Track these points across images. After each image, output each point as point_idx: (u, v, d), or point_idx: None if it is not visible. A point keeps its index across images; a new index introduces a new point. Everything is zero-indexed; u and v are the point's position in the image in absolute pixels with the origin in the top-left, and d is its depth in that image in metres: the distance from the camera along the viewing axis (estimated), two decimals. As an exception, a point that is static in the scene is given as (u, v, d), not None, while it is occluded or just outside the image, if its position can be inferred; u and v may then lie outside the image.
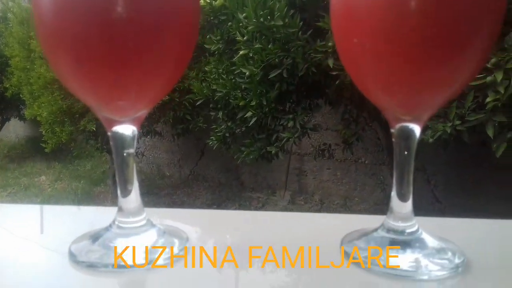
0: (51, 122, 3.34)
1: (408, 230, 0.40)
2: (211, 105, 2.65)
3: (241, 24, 2.16)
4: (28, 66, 3.51)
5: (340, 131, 2.75)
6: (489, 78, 1.54)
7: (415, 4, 0.32)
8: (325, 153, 2.90)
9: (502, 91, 1.51)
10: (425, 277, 0.37)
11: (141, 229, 0.41)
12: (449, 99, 0.39)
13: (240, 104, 2.27)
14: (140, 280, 0.37)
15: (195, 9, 0.38)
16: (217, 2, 2.36)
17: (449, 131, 1.68)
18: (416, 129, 0.41)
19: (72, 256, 0.39)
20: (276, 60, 2.04)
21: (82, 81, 0.37)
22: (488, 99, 1.58)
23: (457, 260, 0.38)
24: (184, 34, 0.37)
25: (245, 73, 2.13)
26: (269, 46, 2.02)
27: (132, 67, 0.35)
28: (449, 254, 0.39)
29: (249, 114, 2.24)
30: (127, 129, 0.40)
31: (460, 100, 1.72)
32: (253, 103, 2.18)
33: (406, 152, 0.41)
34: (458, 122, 1.68)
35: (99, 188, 4.12)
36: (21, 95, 3.83)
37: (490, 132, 1.63)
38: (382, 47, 0.35)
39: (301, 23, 1.92)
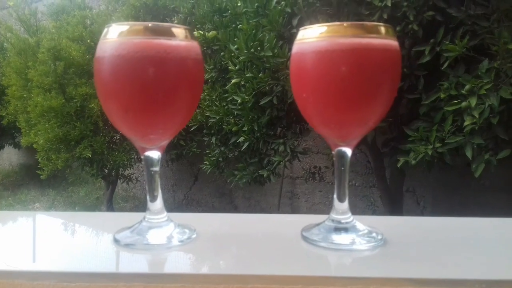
0: (47, 149, 3.40)
1: (345, 220, 0.58)
2: (204, 131, 2.73)
3: (233, 54, 2.26)
4: (25, 95, 3.59)
5: (329, 154, 2.83)
6: (464, 103, 1.63)
7: (343, 76, 0.50)
8: (315, 176, 2.98)
9: (477, 116, 1.60)
10: (359, 248, 0.55)
11: (163, 223, 0.58)
12: (367, 132, 0.56)
13: (232, 129, 2.36)
14: (162, 254, 0.54)
15: (200, 71, 0.54)
16: (210, 34, 2.46)
17: (430, 153, 1.77)
18: (348, 151, 0.58)
19: (116, 241, 0.56)
20: (267, 88, 2.13)
21: (127, 123, 0.54)
22: (465, 123, 1.67)
23: (378, 237, 0.57)
24: (193, 89, 0.54)
25: (237, 100, 2.21)
26: (260, 75, 2.12)
27: (160, 113, 0.52)
28: (373, 234, 0.58)
29: (241, 139, 2.32)
30: (154, 154, 0.58)
31: (440, 124, 1.82)
32: (245, 128, 2.26)
33: (342, 168, 0.58)
34: (438, 145, 1.76)
35: (90, 212, 4.15)
36: (17, 123, 3.89)
37: (469, 154, 1.72)
38: (320, 100, 0.52)
39: (289, 53, 2.02)
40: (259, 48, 2.06)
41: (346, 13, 1.99)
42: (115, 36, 0.51)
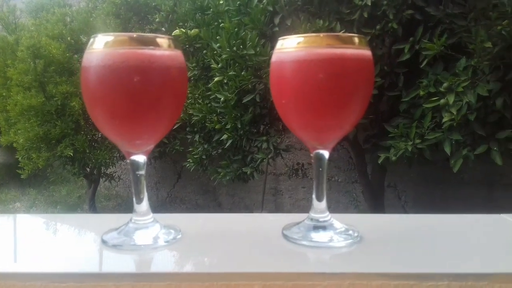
0: (28, 148, 3.37)
1: (323, 219, 0.61)
2: (187, 129, 2.74)
3: (215, 52, 2.27)
4: (4, 94, 3.54)
5: (312, 151, 2.86)
6: (442, 101, 1.68)
7: (320, 83, 0.53)
8: (298, 172, 3.01)
9: (455, 112, 1.64)
10: (336, 245, 0.58)
11: (149, 224, 0.61)
12: (343, 135, 0.60)
13: (216, 127, 2.37)
14: (149, 254, 0.56)
15: (183, 79, 0.57)
16: (192, 32, 2.47)
17: (410, 149, 1.81)
18: (326, 153, 0.62)
19: (104, 242, 0.58)
20: (249, 86, 2.15)
21: (114, 129, 0.57)
22: (444, 119, 1.72)
23: (355, 235, 0.60)
24: (177, 97, 0.57)
25: (220, 98, 2.23)
26: (242, 73, 2.13)
27: (145, 120, 0.55)
28: (350, 232, 0.61)
29: (224, 136, 2.34)
30: (140, 158, 0.60)
31: (420, 121, 1.86)
32: (229, 126, 2.28)
33: (320, 169, 0.62)
34: (418, 141, 1.81)
35: (76, 214, 4.13)
36: (-4, 122, 3.84)
37: (448, 149, 1.76)
38: (299, 106, 0.55)
39: (271, 52, 2.04)
40: (241, 46, 2.08)
41: (327, 11, 2.02)
42: (101, 46, 0.53)
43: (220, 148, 2.55)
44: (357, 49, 0.53)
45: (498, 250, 0.57)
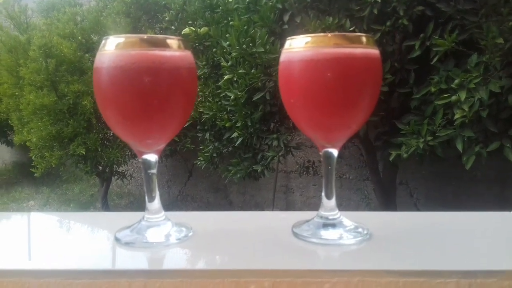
0: (41, 147, 3.41)
1: (332, 217, 0.62)
2: (198, 127, 2.75)
3: (225, 50, 2.27)
4: (17, 93, 3.58)
5: (322, 149, 2.86)
6: (454, 97, 1.67)
7: (328, 83, 0.53)
8: (309, 170, 3.01)
9: (467, 109, 1.63)
10: (346, 242, 0.59)
11: (161, 222, 0.62)
12: (352, 134, 0.60)
13: (226, 125, 2.38)
14: (161, 252, 0.57)
15: (193, 79, 0.58)
16: (201, 30, 2.48)
17: (422, 146, 1.80)
18: (335, 152, 0.62)
19: (117, 240, 0.60)
20: (259, 83, 2.15)
21: (125, 129, 0.58)
22: (456, 116, 1.71)
23: (364, 232, 0.60)
24: (187, 96, 0.58)
25: (230, 96, 2.23)
26: (252, 71, 2.14)
27: (156, 120, 0.56)
28: (359, 229, 0.61)
29: (235, 134, 2.34)
30: (152, 157, 0.61)
31: (431, 117, 1.85)
32: (239, 124, 2.29)
33: (329, 167, 0.62)
34: (429, 138, 1.80)
35: (89, 212, 4.17)
36: (9, 121, 3.89)
37: (460, 146, 1.75)
38: (307, 105, 0.56)
39: (281, 49, 2.04)
40: (251, 44, 2.08)
41: (337, 8, 2.02)
42: (113, 48, 0.54)
43: (231, 146, 2.55)
44: (364, 48, 0.54)
45: (508, 247, 0.57)
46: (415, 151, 1.86)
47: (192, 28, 2.53)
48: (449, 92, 1.74)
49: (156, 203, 0.62)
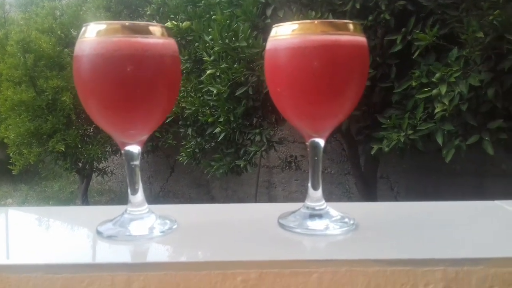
0: (19, 144, 3.34)
1: (319, 207, 0.62)
2: (180, 122, 2.73)
3: (207, 45, 2.25)
4: (-6, 89, 3.51)
5: (305, 143, 2.86)
6: (434, 91, 1.68)
7: (315, 70, 0.53)
8: (292, 165, 3.02)
9: (447, 102, 1.65)
10: (332, 233, 0.59)
11: (144, 215, 0.61)
12: (338, 124, 0.60)
13: (208, 120, 2.36)
14: (145, 244, 0.56)
15: (177, 68, 0.57)
16: (183, 24, 2.45)
17: (402, 140, 1.81)
18: (321, 142, 0.61)
19: (99, 233, 0.58)
20: (242, 78, 2.14)
21: (107, 119, 0.56)
22: (436, 110, 1.72)
23: (350, 222, 0.60)
24: (171, 86, 0.57)
25: (213, 91, 2.22)
26: (235, 66, 2.12)
27: (139, 110, 0.55)
28: (346, 219, 0.61)
29: (217, 130, 2.33)
30: (134, 148, 0.59)
31: (412, 111, 1.86)
32: (221, 119, 2.27)
33: (316, 158, 0.62)
34: (410, 132, 1.81)
35: (70, 206, 4.11)
36: (-14, 118, 3.80)
37: (440, 140, 1.77)
38: (294, 94, 0.55)
39: (264, 44, 2.03)
40: (233, 38, 2.07)
41: (319, 2, 2.02)
42: (93, 35, 0.52)
43: (213, 142, 2.54)
44: (352, 35, 0.53)
45: (492, 235, 0.57)
46: (396, 145, 1.87)
47: (174, 22, 2.50)
48: (429, 86, 1.75)
49: (139, 195, 0.60)
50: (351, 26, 0.53)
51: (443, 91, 1.66)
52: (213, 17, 2.24)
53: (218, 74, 2.23)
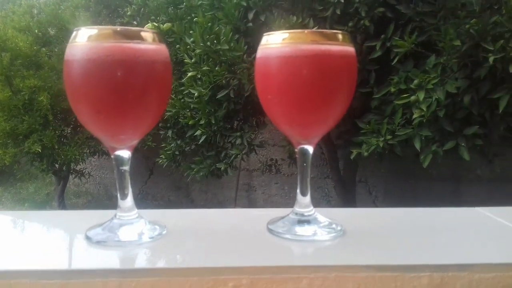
0: (-6, 144, 3.27)
1: (307, 213, 0.63)
2: (160, 124, 2.71)
3: (188, 47, 2.25)
4: (-32, 88, 3.42)
5: (285, 147, 2.88)
6: (413, 97, 1.72)
7: (306, 79, 0.54)
8: (272, 168, 3.03)
9: (425, 109, 1.68)
10: (320, 238, 0.59)
11: (134, 220, 0.60)
12: (328, 131, 0.61)
13: (189, 123, 2.35)
14: (135, 250, 0.56)
15: (168, 74, 0.57)
16: (164, 26, 2.44)
17: (381, 145, 1.84)
18: (310, 149, 0.62)
19: (88, 238, 0.58)
20: (223, 81, 2.14)
21: (98, 124, 0.56)
22: (414, 116, 1.76)
23: (338, 228, 0.61)
24: (162, 91, 0.57)
25: (194, 93, 2.21)
26: (216, 68, 2.12)
27: (130, 115, 0.54)
28: (333, 225, 0.62)
29: (198, 132, 2.32)
30: (125, 153, 0.59)
31: (391, 117, 1.90)
32: (202, 122, 2.27)
33: (304, 164, 0.62)
34: (389, 137, 1.84)
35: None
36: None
37: (418, 145, 1.81)
38: (285, 101, 0.56)
39: (245, 47, 2.04)
40: (215, 41, 2.07)
41: (301, 8, 2.04)
42: (85, 40, 0.52)
43: (194, 144, 2.53)
44: (341, 45, 0.54)
45: (475, 241, 0.59)
46: (375, 150, 1.90)
47: (154, 23, 2.48)
48: (408, 92, 1.79)
49: (129, 200, 0.60)
50: (340, 36, 0.54)
51: (421, 97, 1.69)
52: (194, 19, 2.23)
53: (199, 77, 2.23)
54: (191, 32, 2.20)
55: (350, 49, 0.55)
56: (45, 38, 3.42)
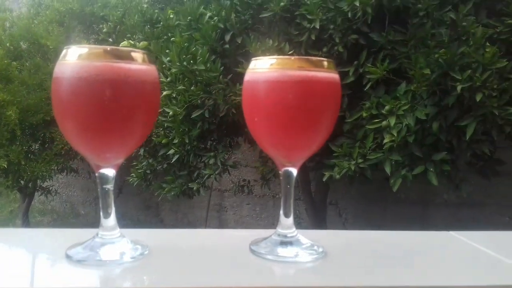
0: (-44, 159, 3.16)
1: (290, 235, 0.64)
2: (132, 143, 2.68)
3: (164, 65, 2.25)
4: None
5: (258, 168, 2.89)
6: (384, 123, 1.76)
7: (290, 104, 0.55)
8: (244, 189, 3.02)
9: (395, 134, 1.73)
10: (302, 260, 0.60)
11: (116, 239, 0.60)
12: (312, 154, 0.63)
13: (162, 141, 2.34)
14: (116, 270, 0.55)
15: (156, 94, 0.58)
16: (140, 44, 2.44)
17: (353, 168, 1.88)
18: (294, 171, 0.64)
19: (68, 257, 0.57)
20: (199, 101, 2.15)
21: (84, 141, 0.56)
22: (385, 140, 1.80)
23: (320, 250, 0.62)
24: (150, 112, 0.58)
25: (169, 112, 2.21)
26: (192, 88, 2.13)
27: (117, 133, 0.55)
28: (315, 247, 0.63)
29: (171, 151, 2.31)
30: (109, 172, 0.59)
31: (362, 141, 1.94)
32: (176, 141, 2.26)
33: (288, 186, 0.65)
34: (360, 161, 1.88)
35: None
36: None
37: (388, 169, 1.85)
38: (271, 124, 0.58)
39: (222, 68, 2.06)
40: (191, 61, 2.08)
41: (277, 32, 2.08)
42: (75, 58, 0.52)
43: (166, 163, 2.51)
44: (326, 72, 0.56)
45: (452, 264, 0.61)
46: (346, 173, 1.93)
47: (130, 41, 2.47)
48: (379, 118, 1.83)
49: (112, 219, 0.60)
50: (325, 63, 0.57)
51: (392, 122, 1.74)
52: (172, 39, 2.24)
53: (174, 96, 2.23)
54: (167, 51, 2.21)
55: (335, 75, 0.57)
56: (17, 52, 3.36)
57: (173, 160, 2.32)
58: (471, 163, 2.04)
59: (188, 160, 2.33)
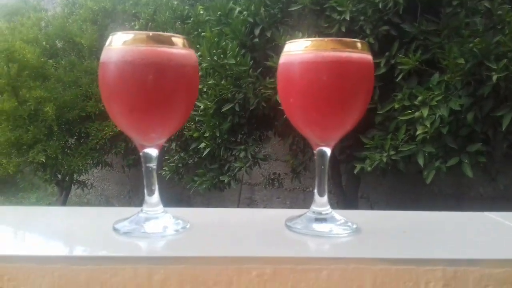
0: (-2, 153, 3.30)
1: (325, 212, 0.66)
2: (164, 137, 2.73)
3: (195, 60, 2.29)
4: (-26, 97, 3.46)
5: (288, 161, 2.91)
6: (417, 114, 1.75)
7: (325, 84, 0.58)
8: (274, 182, 3.04)
9: (429, 125, 1.71)
10: (336, 235, 0.62)
11: (159, 215, 0.64)
12: (345, 134, 0.65)
13: (194, 135, 2.38)
14: (159, 241, 0.58)
15: (196, 77, 0.61)
16: (172, 40, 2.48)
17: (385, 160, 1.87)
18: (328, 151, 0.66)
19: (115, 230, 0.61)
20: (229, 95, 2.18)
21: (130, 122, 0.60)
22: (418, 132, 1.79)
23: (354, 226, 0.64)
24: (190, 93, 0.61)
25: (200, 106, 2.25)
26: (222, 82, 2.16)
27: (160, 114, 0.57)
28: (349, 223, 0.65)
29: (202, 145, 2.35)
30: (153, 151, 0.63)
31: (394, 133, 1.93)
32: (207, 134, 2.30)
33: (322, 166, 0.66)
34: (392, 153, 1.87)
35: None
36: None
37: (421, 161, 1.83)
38: (306, 105, 0.60)
39: (251, 62, 2.09)
40: (222, 55, 2.11)
41: (306, 25, 2.08)
42: (120, 44, 0.55)
43: (197, 157, 2.55)
44: (359, 53, 0.57)
45: (485, 240, 0.61)
46: (378, 165, 1.92)
47: (162, 37, 2.53)
48: (412, 109, 1.82)
49: (155, 196, 0.63)
50: (359, 45, 0.58)
51: (425, 114, 1.73)
52: (202, 34, 2.28)
53: (205, 90, 2.27)
54: (198, 46, 2.25)
55: (368, 56, 0.59)
56: (52, 50, 3.47)
57: (204, 153, 2.36)
58: (508, 154, 1.99)
59: (219, 154, 2.37)
